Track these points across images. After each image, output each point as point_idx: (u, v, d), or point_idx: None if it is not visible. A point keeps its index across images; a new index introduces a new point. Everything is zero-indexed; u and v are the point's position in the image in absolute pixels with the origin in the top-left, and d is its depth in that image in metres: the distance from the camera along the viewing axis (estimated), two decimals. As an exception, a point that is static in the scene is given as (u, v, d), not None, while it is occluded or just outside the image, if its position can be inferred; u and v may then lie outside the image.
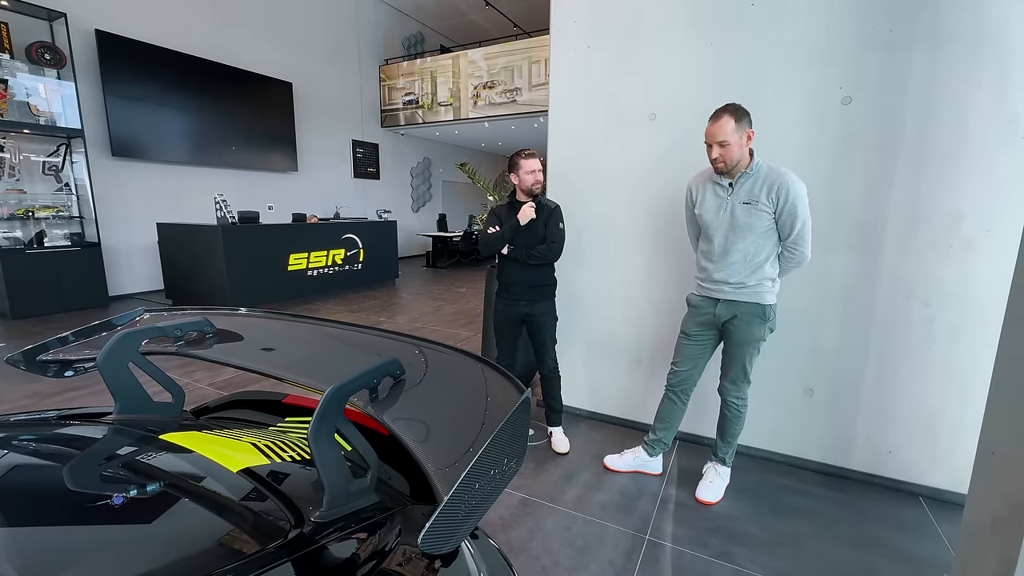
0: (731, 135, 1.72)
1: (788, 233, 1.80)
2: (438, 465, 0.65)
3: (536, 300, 2.35)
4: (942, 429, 2.07)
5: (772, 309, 1.90)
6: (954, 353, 2.01)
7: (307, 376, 0.91)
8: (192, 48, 6.67)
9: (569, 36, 2.59)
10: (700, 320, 2.01)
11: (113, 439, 0.85)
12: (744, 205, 1.81)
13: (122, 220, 6.13)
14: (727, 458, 2.11)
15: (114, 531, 0.59)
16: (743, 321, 1.89)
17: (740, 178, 1.82)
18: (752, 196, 1.79)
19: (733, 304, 1.90)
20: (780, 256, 1.88)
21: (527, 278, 2.33)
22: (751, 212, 1.80)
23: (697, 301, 2.03)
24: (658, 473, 2.25)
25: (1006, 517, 1.35)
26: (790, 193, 1.74)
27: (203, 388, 3.22)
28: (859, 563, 1.71)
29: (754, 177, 1.80)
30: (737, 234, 1.84)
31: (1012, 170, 1.82)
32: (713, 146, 1.77)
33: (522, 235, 2.29)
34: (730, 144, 1.73)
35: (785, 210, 1.76)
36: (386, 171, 10.65)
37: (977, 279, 1.94)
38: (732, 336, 1.94)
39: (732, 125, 1.72)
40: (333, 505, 0.68)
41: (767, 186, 1.77)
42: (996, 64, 1.81)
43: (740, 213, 1.82)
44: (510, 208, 2.36)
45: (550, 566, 1.66)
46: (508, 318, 2.40)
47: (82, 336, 1.11)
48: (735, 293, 1.89)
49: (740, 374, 1.98)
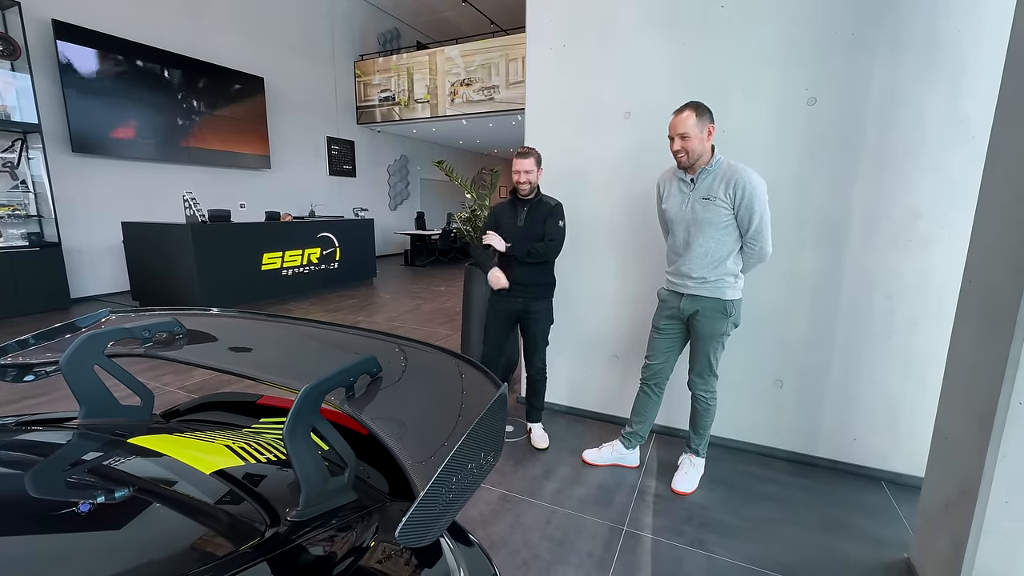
0: (692, 128, 1.79)
1: (747, 228, 1.85)
2: (415, 460, 0.66)
3: (533, 298, 2.35)
4: (903, 416, 2.17)
5: (735, 304, 1.95)
6: (913, 343, 2.11)
7: (282, 376, 0.90)
8: (157, 40, 6.43)
9: (545, 35, 2.61)
10: (667, 314, 2.06)
11: (79, 444, 0.83)
12: (703, 201, 1.86)
13: (84, 219, 5.88)
14: (700, 449, 2.17)
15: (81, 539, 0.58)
16: (706, 316, 1.95)
17: (700, 174, 1.88)
18: (711, 192, 1.85)
19: (696, 299, 1.96)
20: (742, 252, 1.93)
21: (525, 275, 2.33)
22: (709, 207, 1.85)
23: (664, 295, 2.09)
24: (635, 466, 2.30)
25: (957, 499, 1.43)
26: (747, 188, 1.79)
27: (173, 391, 3.13)
28: (825, 546, 1.79)
29: (713, 173, 1.86)
30: (698, 229, 1.89)
31: (964, 170, 1.91)
32: (675, 138, 1.83)
33: (521, 233, 2.29)
34: (691, 137, 1.79)
35: (743, 205, 1.81)
36: (362, 169, 10.50)
37: (934, 272, 2.04)
38: (696, 330, 2.00)
39: (693, 119, 1.79)
40: (310, 504, 0.68)
41: (725, 182, 1.82)
42: (950, 70, 1.90)
43: (699, 208, 1.87)
44: (510, 207, 2.37)
45: (530, 559, 1.67)
46: (502, 314, 2.40)
47: (44, 339, 1.07)
48: (698, 288, 1.94)
49: (706, 368, 2.03)
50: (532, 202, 2.33)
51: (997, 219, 1.38)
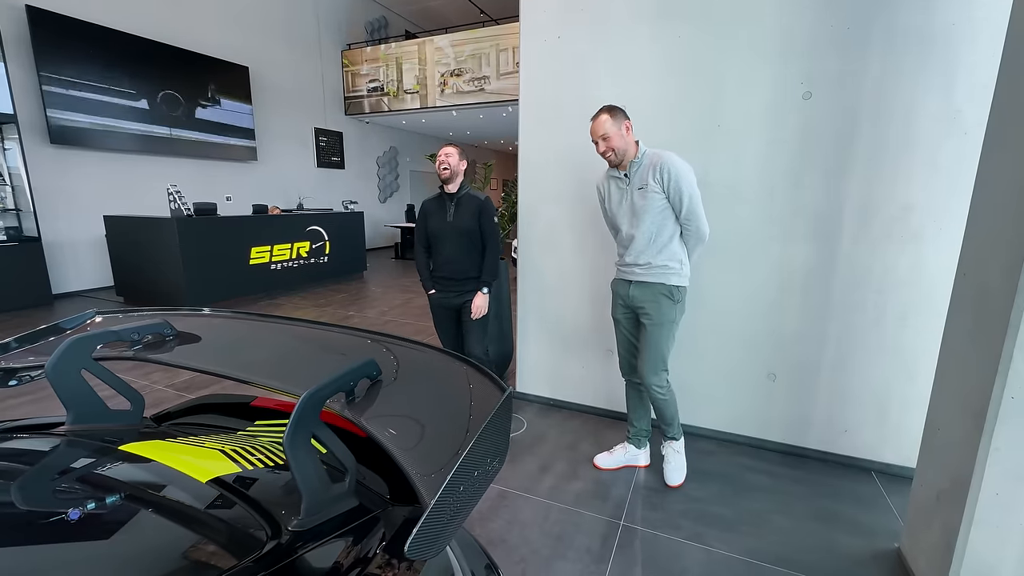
0: (610, 128, 1.91)
1: (680, 208, 1.93)
2: (421, 470, 0.64)
3: (470, 291, 2.40)
4: (892, 408, 2.20)
5: (681, 291, 2.00)
6: (903, 337, 2.13)
7: (279, 380, 0.88)
8: (138, 28, 6.24)
9: (539, 27, 2.57)
10: (621, 304, 2.13)
11: (68, 452, 0.80)
12: (639, 191, 1.96)
13: (65, 212, 5.73)
14: (676, 434, 2.16)
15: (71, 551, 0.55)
16: (654, 301, 2.00)
17: (631, 167, 1.97)
18: (642, 181, 1.95)
19: (643, 285, 2.02)
20: (682, 236, 1.99)
21: (457, 269, 2.39)
22: (645, 195, 1.95)
23: (615, 286, 2.16)
24: (646, 465, 2.27)
25: (949, 490, 1.46)
26: (671, 171, 1.89)
27: (161, 390, 3.08)
28: (818, 536, 1.81)
29: (641, 164, 1.96)
30: (638, 218, 1.98)
31: (957, 164, 1.93)
32: (599, 141, 1.95)
33: (450, 229, 2.35)
34: (611, 136, 1.91)
35: (671, 187, 1.90)
36: (351, 160, 10.35)
37: (925, 267, 2.06)
38: (646, 318, 2.03)
39: (609, 120, 1.91)
40: (311, 512, 0.66)
41: (652, 169, 1.92)
42: (943, 64, 1.91)
43: (637, 198, 1.97)
44: (438, 202, 2.42)
45: (528, 556, 1.68)
46: (443, 312, 2.51)
47: (27, 342, 1.04)
48: (644, 274, 2.00)
49: (658, 360, 2.01)
50: (459, 197, 2.38)
51: (992, 215, 1.39)
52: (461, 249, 2.37)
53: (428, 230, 2.42)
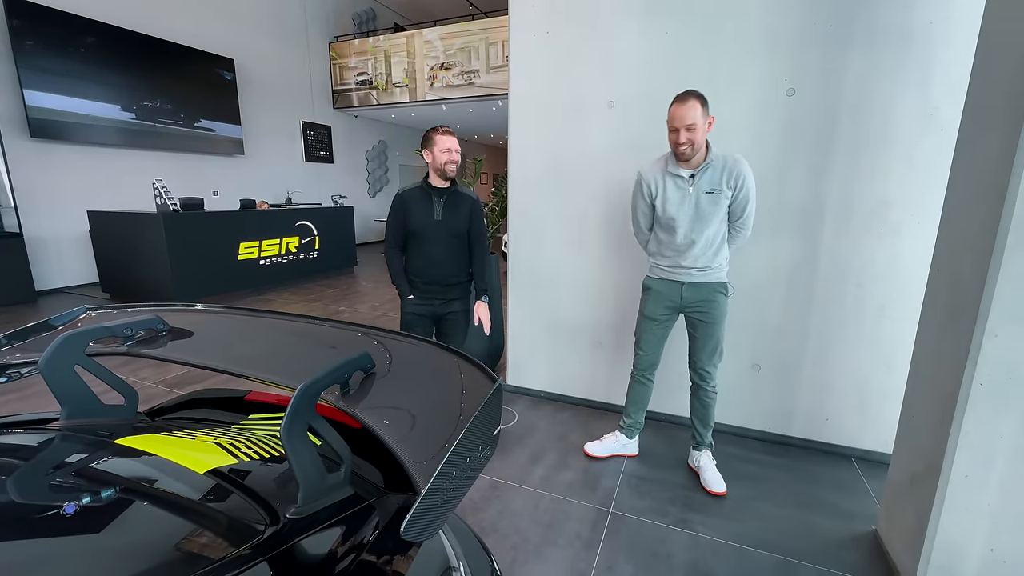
0: (699, 119, 1.73)
1: (739, 216, 1.90)
2: (415, 457, 0.67)
3: (454, 298, 2.16)
4: (872, 397, 2.27)
5: (729, 285, 2.02)
6: (882, 328, 2.20)
7: (274, 373, 0.89)
8: (121, 19, 6.11)
9: (529, 22, 2.58)
10: (666, 304, 2.04)
11: (64, 446, 0.81)
12: (708, 195, 1.85)
13: (47, 208, 5.62)
14: (711, 440, 2.16)
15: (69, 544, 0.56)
16: (711, 300, 1.97)
17: (702, 168, 1.85)
18: (714, 185, 1.84)
19: (698, 286, 1.97)
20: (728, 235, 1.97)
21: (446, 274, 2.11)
22: (716, 201, 1.85)
23: (659, 286, 2.05)
24: (635, 454, 2.32)
25: (922, 473, 1.52)
26: (747, 180, 1.84)
27: (151, 386, 3.06)
28: (799, 520, 1.88)
29: (714, 166, 1.85)
30: (703, 223, 1.89)
31: (933, 160, 1.99)
32: (680, 130, 1.75)
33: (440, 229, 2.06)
34: (698, 128, 1.74)
35: (740, 196, 1.86)
36: (340, 154, 10.26)
37: (903, 260, 2.12)
38: (705, 316, 1.99)
39: (700, 109, 1.73)
40: (308, 500, 0.68)
41: (726, 174, 1.84)
42: (921, 63, 1.96)
43: (704, 203, 1.86)
44: (423, 195, 2.06)
45: (520, 543, 1.72)
46: (423, 317, 2.16)
47: (17, 339, 1.04)
48: (701, 275, 1.96)
49: (715, 351, 2.02)
50: (450, 192, 2.07)
51: (964, 210, 1.45)
52: (449, 251, 2.09)
53: (408, 227, 2.06)
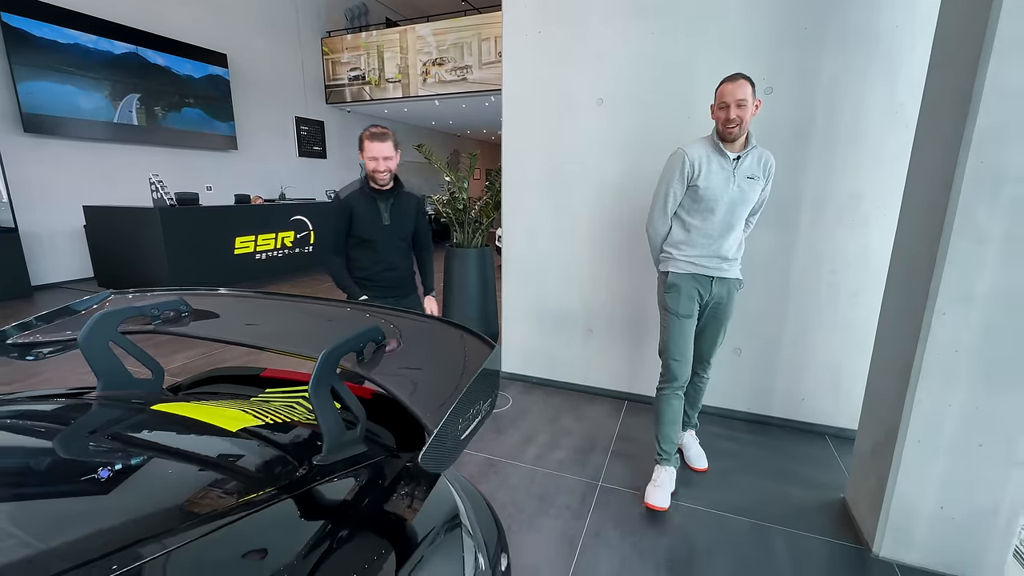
0: (749, 96, 1.67)
1: (758, 208, 1.91)
2: (426, 408, 0.78)
3: (406, 295, 2.18)
4: (845, 378, 2.42)
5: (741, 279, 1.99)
6: (854, 313, 2.34)
7: (292, 346, 1.00)
8: (114, 14, 6.11)
9: (521, 21, 2.68)
10: (696, 300, 1.90)
11: (108, 411, 0.91)
12: (748, 180, 1.79)
13: (42, 203, 5.64)
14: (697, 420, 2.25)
15: (122, 494, 0.63)
16: (731, 297, 1.92)
17: (746, 152, 1.78)
18: (753, 171, 1.79)
19: (725, 281, 1.89)
20: None
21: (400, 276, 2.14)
22: (753, 187, 1.80)
23: (689, 281, 1.88)
24: (704, 468, 2.19)
25: (882, 442, 1.66)
26: (774, 169, 1.84)
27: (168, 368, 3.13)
28: (775, 490, 2.02)
29: (755, 152, 1.80)
30: (742, 208, 1.82)
31: (898, 156, 2.12)
32: (731, 106, 1.67)
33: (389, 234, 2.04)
34: (748, 105, 1.68)
35: (767, 187, 1.86)
36: (333, 149, 10.29)
37: (872, 250, 2.26)
38: (720, 313, 1.94)
39: (750, 88, 1.68)
40: (332, 451, 0.79)
41: (762, 161, 1.81)
42: (887, 63, 2.09)
43: (746, 187, 1.79)
44: (366, 198, 1.98)
45: (515, 512, 1.84)
46: None
47: (44, 320, 1.14)
48: (730, 269, 1.88)
49: (715, 351, 2.05)
50: (396, 194, 2.04)
51: (918, 201, 1.58)
52: (400, 253, 2.12)
53: (356, 234, 2.00)
